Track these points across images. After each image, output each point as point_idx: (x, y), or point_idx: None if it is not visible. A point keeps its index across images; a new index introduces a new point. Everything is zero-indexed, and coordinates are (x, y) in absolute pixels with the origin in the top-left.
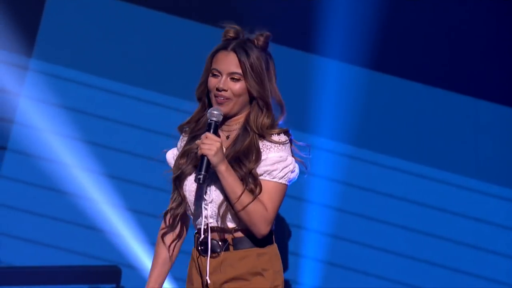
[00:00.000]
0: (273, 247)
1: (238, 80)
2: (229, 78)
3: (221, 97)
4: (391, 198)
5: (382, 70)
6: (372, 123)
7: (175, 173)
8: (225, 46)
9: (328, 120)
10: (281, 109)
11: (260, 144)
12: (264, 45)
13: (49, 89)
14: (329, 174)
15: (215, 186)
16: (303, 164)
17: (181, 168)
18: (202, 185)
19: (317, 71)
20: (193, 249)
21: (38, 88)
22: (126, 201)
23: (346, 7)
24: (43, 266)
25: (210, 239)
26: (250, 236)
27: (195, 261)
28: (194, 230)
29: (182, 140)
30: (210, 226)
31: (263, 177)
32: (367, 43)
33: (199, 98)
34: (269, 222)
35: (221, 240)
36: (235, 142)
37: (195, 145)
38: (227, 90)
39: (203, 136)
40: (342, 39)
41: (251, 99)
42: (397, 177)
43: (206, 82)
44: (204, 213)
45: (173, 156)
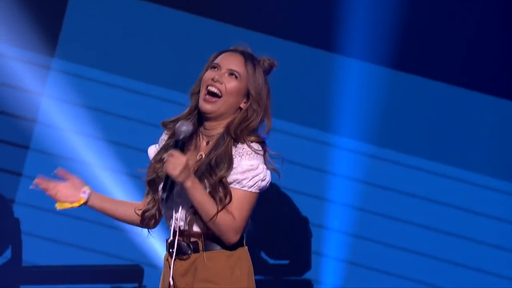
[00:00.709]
0: (243, 249)
1: (236, 78)
2: (227, 74)
3: (213, 88)
4: (413, 198)
5: (404, 69)
6: (394, 122)
7: (150, 176)
8: (233, 50)
9: (350, 119)
10: (267, 129)
11: (234, 150)
12: (269, 68)
13: (71, 88)
14: (350, 173)
15: (182, 192)
16: (276, 172)
17: (156, 172)
18: (168, 201)
19: (339, 70)
20: (166, 254)
21: (60, 87)
22: None
23: (367, 6)
24: (66, 265)
25: (180, 241)
26: (218, 239)
27: (167, 265)
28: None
29: (164, 135)
30: (181, 229)
31: (233, 186)
32: (389, 42)
33: (191, 96)
34: (237, 231)
35: (191, 242)
36: (211, 150)
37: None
38: (222, 83)
39: (168, 154)
40: (363, 38)
41: (240, 108)
42: (419, 176)
43: (201, 79)
44: (175, 215)
45: (154, 152)
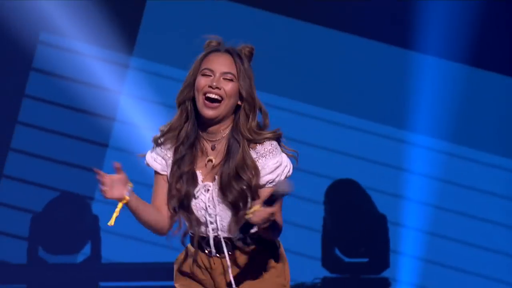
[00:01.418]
0: (280, 243)
1: (231, 80)
2: (222, 78)
3: (212, 95)
4: (489, 195)
5: (481, 66)
6: (471, 119)
7: (175, 198)
8: (217, 49)
9: (427, 116)
10: (264, 115)
11: (253, 153)
12: (249, 56)
13: (149, 86)
14: (427, 171)
15: (218, 201)
16: (295, 158)
17: (182, 192)
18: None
19: (416, 67)
20: (196, 252)
21: (139, 86)
22: None
23: (444, 2)
24: (144, 262)
25: (217, 241)
26: (258, 238)
27: (202, 264)
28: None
29: (165, 150)
30: (216, 233)
31: (268, 186)
32: (466, 39)
33: (182, 102)
34: (281, 230)
35: (229, 241)
36: (227, 156)
37: (188, 166)
38: (220, 88)
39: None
40: (440, 35)
41: (237, 105)
42: (496, 174)
43: (192, 85)
44: (209, 224)
45: (153, 161)
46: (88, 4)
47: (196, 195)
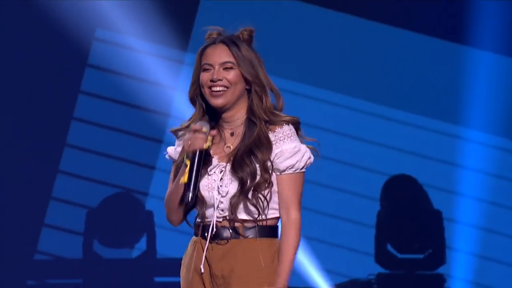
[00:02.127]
0: (280, 243)
1: (231, 68)
2: (221, 69)
3: (217, 88)
4: None
5: None
6: None
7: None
8: (212, 42)
9: (481, 112)
10: (277, 96)
11: (272, 135)
12: (249, 38)
13: None
14: (481, 167)
15: (231, 179)
16: (314, 150)
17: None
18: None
19: (470, 63)
20: (198, 239)
21: None
22: None
23: None
24: None
25: (219, 226)
26: (261, 226)
27: (199, 248)
28: (196, 220)
29: (178, 148)
30: (222, 216)
31: (287, 172)
32: None
33: (192, 99)
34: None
35: (231, 228)
36: (244, 137)
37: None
38: (222, 79)
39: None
40: (495, 30)
41: (247, 89)
42: None
43: (198, 81)
44: (218, 205)
45: (174, 150)
46: (143, 0)
47: (209, 173)
